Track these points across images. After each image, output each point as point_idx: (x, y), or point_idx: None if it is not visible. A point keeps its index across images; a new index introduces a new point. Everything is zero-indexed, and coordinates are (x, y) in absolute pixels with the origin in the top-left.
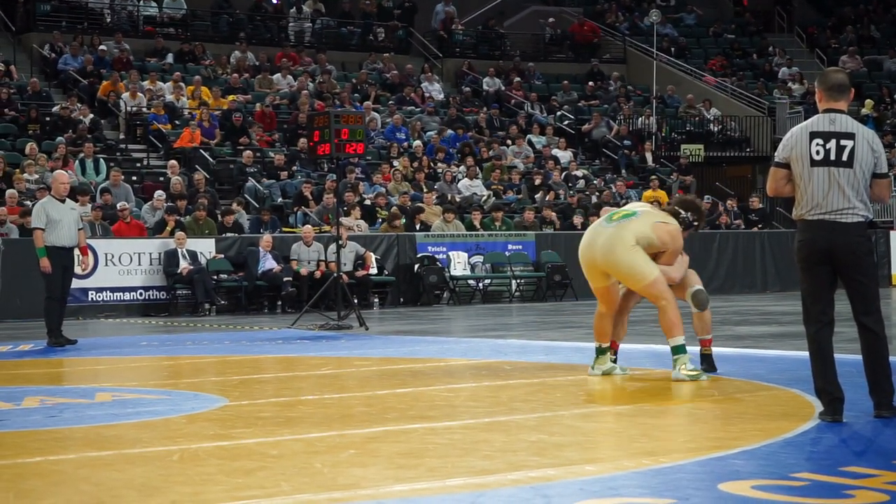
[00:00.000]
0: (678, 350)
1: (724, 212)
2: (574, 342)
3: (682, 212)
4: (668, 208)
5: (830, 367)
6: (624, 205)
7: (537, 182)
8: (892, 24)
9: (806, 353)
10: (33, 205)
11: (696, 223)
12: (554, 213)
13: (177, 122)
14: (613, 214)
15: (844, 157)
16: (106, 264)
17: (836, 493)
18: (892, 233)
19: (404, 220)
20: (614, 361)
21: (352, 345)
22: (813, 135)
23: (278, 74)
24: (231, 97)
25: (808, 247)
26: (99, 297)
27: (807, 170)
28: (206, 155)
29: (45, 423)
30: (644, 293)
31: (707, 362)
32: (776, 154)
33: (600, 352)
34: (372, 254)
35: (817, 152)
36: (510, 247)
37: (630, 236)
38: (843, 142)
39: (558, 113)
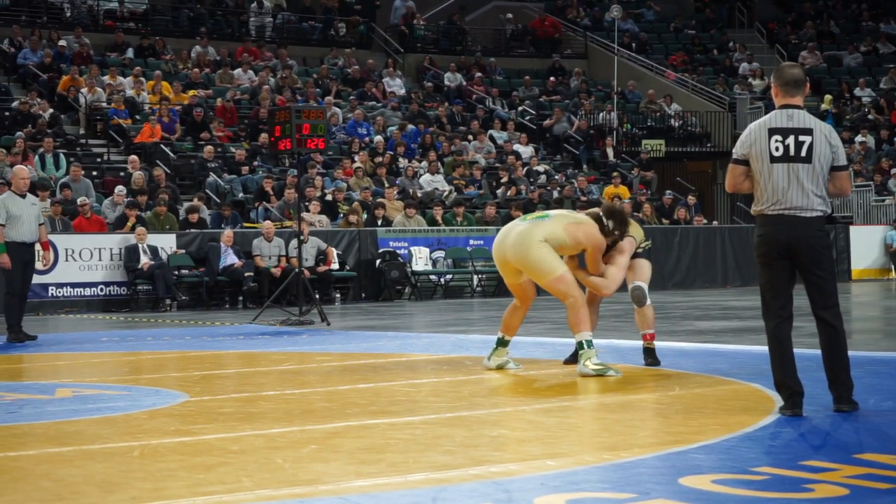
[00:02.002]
0: (582, 346)
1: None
2: (535, 337)
3: (606, 220)
4: (592, 211)
5: (790, 361)
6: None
7: (504, 179)
8: (851, 20)
9: (765, 348)
10: None
11: (615, 233)
12: (522, 213)
13: (137, 117)
14: (529, 215)
15: (803, 153)
16: (66, 260)
17: (796, 486)
18: (851, 227)
19: (366, 216)
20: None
21: (313, 340)
22: (772, 131)
23: (239, 69)
24: (192, 92)
25: (767, 242)
26: (59, 292)
27: (766, 166)
28: (166, 150)
29: (5, 419)
30: (549, 289)
31: (650, 356)
32: (734, 151)
33: (500, 343)
34: (333, 249)
35: (776, 148)
36: (472, 242)
37: (539, 233)
38: (801, 137)
39: (519, 108)
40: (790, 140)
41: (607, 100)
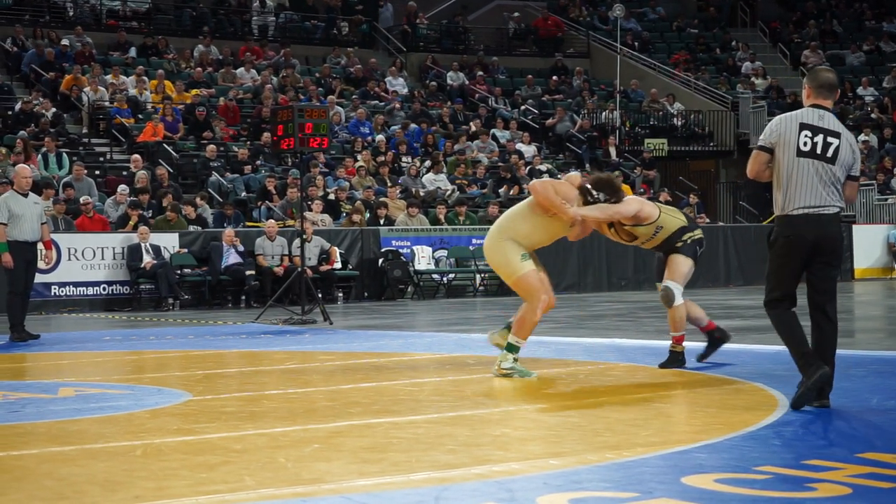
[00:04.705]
0: (509, 348)
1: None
2: (538, 336)
3: (595, 192)
4: (580, 187)
5: (803, 334)
6: None
7: (508, 177)
8: (855, 19)
9: (768, 347)
10: None
11: (610, 200)
12: None
13: (140, 116)
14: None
15: (829, 154)
16: (69, 259)
17: (798, 486)
18: (854, 226)
19: (368, 215)
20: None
21: (316, 339)
22: (803, 126)
23: (241, 69)
24: (194, 91)
25: (794, 242)
26: (62, 291)
27: (792, 159)
28: (169, 149)
29: (8, 418)
30: (514, 288)
31: (673, 360)
32: (761, 138)
33: (508, 327)
34: (336, 248)
35: (805, 143)
36: (474, 241)
37: (502, 229)
38: (829, 139)
39: (522, 107)
40: (819, 139)
41: (610, 99)
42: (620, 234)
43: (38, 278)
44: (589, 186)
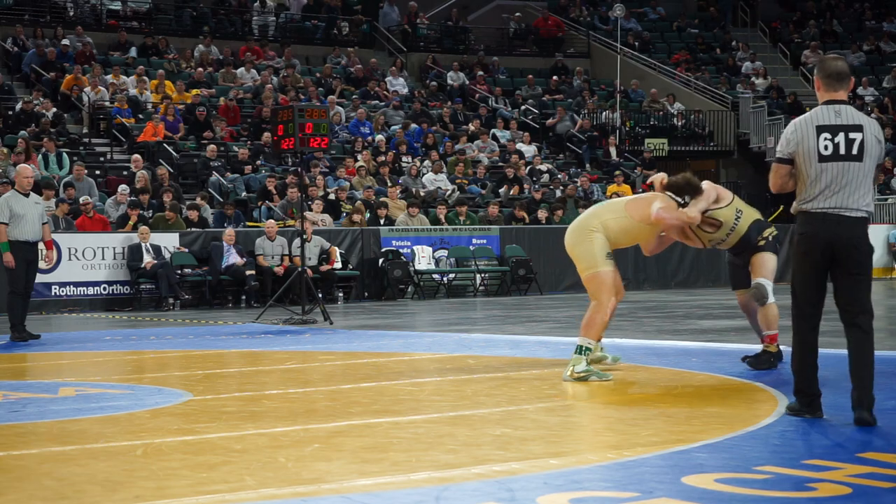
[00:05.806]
0: (577, 350)
1: None
2: (538, 336)
3: (680, 198)
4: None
5: (814, 368)
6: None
7: (511, 176)
8: (855, 19)
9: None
10: None
11: (693, 198)
12: (525, 213)
13: (140, 116)
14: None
15: (854, 151)
16: (69, 259)
17: (799, 485)
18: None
19: (368, 215)
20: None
21: (316, 339)
22: (820, 129)
23: (242, 69)
24: (195, 91)
25: (810, 240)
26: (62, 291)
27: (815, 166)
28: (169, 149)
29: (8, 417)
30: (584, 282)
31: (766, 360)
32: (779, 149)
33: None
34: (337, 248)
35: (825, 147)
36: (475, 241)
37: (594, 221)
38: (851, 135)
39: (522, 107)
40: (840, 138)
41: (610, 99)
42: (701, 234)
43: (39, 278)
44: (673, 196)
